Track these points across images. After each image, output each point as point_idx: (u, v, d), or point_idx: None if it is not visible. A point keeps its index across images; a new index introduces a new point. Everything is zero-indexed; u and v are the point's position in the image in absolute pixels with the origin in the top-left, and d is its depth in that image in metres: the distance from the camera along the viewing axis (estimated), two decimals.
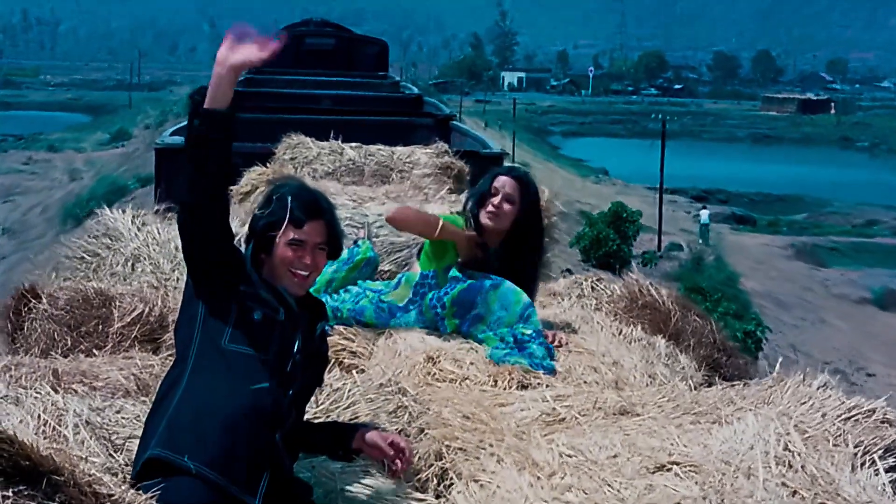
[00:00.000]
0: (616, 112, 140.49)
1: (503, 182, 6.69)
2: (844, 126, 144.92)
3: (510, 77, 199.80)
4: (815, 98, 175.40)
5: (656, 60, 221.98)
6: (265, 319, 4.32)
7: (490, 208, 6.64)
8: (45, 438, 4.04)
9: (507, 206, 6.64)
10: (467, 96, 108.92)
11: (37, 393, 4.60)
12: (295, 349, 4.38)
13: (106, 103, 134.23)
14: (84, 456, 4.05)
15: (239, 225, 8.55)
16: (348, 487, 4.52)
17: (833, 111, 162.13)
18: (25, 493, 3.48)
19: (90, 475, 3.75)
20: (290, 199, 4.41)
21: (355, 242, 7.84)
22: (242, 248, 4.47)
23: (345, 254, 7.23)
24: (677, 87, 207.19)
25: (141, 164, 58.43)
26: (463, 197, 7.59)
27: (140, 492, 3.83)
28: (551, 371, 5.93)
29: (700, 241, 58.71)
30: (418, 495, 4.64)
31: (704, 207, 65.03)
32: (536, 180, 7.13)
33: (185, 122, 4.51)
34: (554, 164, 74.08)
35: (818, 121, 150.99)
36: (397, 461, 4.49)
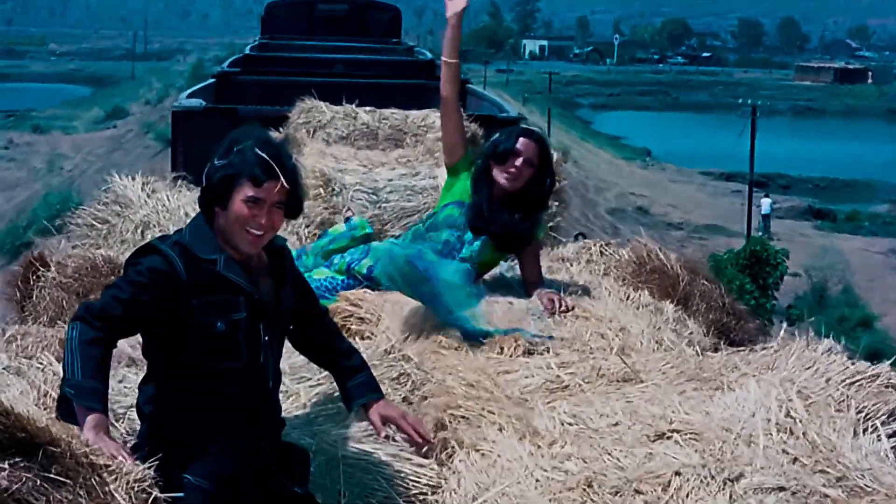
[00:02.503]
0: (644, 82, 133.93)
1: (527, 145, 6.72)
2: (888, 97, 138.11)
3: (531, 45, 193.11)
4: (851, 67, 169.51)
5: (680, 27, 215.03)
6: (228, 327, 4.21)
7: (511, 169, 6.66)
8: (44, 409, 4.05)
9: (527, 170, 6.68)
10: (488, 66, 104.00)
11: (39, 363, 4.62)
12: (263, 333, 4.31)
13: (110, 74, 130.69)
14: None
15: None
16: (349, 456, 4.53)
17: (871, 80, 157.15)
18: (21, 464, 3.49)
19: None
20: (250, 153, 4.20)
21: (347, 219, 7.83)
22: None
23: (341, 228, 7.26)
24: (705, 55, 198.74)
25: (128, 150, 54.33)
26: None
27: (138, 461, 3.85)
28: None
29: (760, 233, 50.44)
30: (420, 460, 4.67)
31: (766, 196, 58.70)
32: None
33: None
34: (592, 145, 67.19)
35: (857, 91, 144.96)
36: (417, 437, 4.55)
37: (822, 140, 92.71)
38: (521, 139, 6.75)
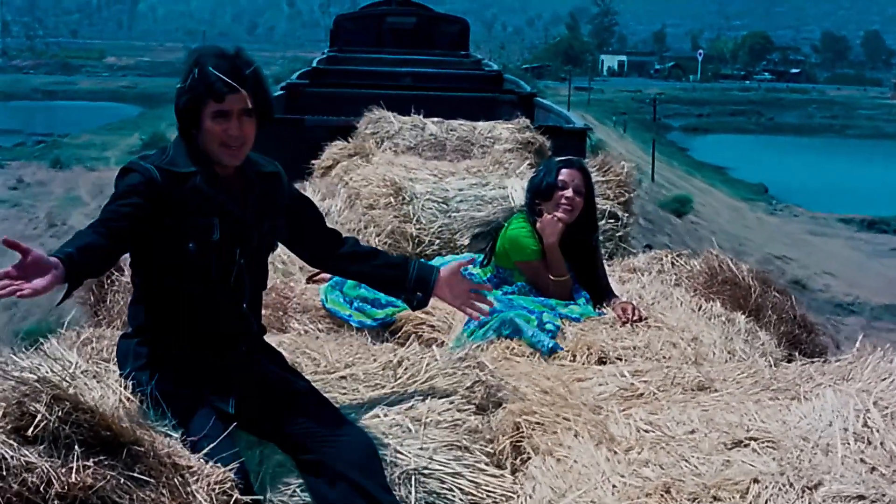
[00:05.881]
0: (732, 101, 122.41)
1: (572, 175, 6.71)
2: None
3: (610, 61, 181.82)
4: None
5: (761, 41, 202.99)
6: (200, 248, 4.37)
7: (564, 203, 6.64)
8: (124, 412, 4.09)
9: (578, 199, 6.67)
10: (563, 82, 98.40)
11: (116, 367, 4.66)
12: (238, 256, 4.49)
13: (164, 92, 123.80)
14: (163, 429, 4.11)
15: (320, 199, 8.63)
16: (424, 467, 4.55)
17: None
18: (105, 462, 3.55)
19: (169, 447, 3.82)
20: (207, 71, 4.32)
21: None
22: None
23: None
24: (794, 70, 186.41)
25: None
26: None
27: (218, 464, 3.91)
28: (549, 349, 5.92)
29: None
30: (494, 470, 4.68)
31: None
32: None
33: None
34: (700, 180, 56.28)
35: None
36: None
37: None
38: (562, 170, 6.73)
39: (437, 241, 9.04)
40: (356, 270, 4.99)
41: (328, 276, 7.21)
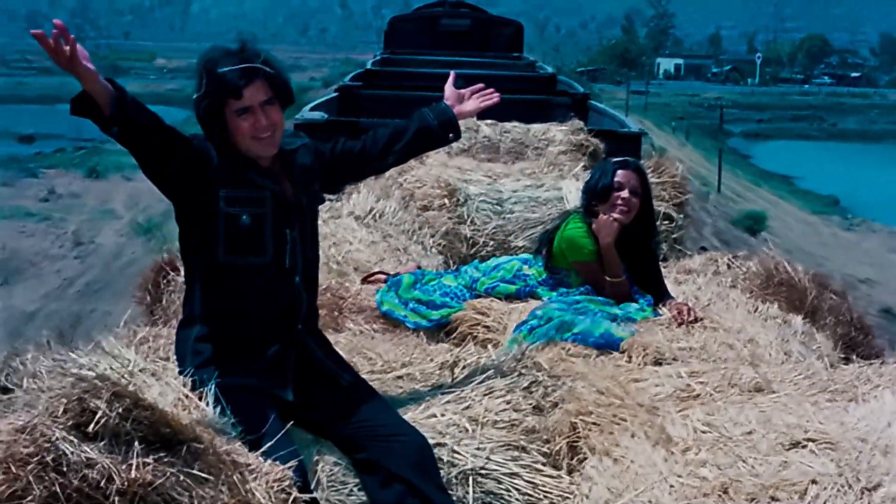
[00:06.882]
0: (792, 105, 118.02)
1: (627, 176, 6.68)
2: None
3: (666, 64, 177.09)
4: None
5: (819, 43, 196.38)
6: (254, 220, 4.44)
7: (619, 203, 6.63)
8: (183, 409, 4.12)
9: (634, 200, 6.65)
10: (619, 86, 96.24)
11: (174, 364, 4.69)
12: (291, 233, 4.56)
13: None
14: (223, 426, 4.13)
15: (374, 200, 8.66)
16: (481, 467, 4.56)
17: None
18: (165, 459, 3.57)
19: (229, 444, 3.84)
20: (219, 71, 4.39)
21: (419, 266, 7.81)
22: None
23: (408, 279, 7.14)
24: (854, 74, 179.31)
25: None
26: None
27: (277, 462, 3.93)
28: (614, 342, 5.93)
29: None
30: (551, 471, 4.68)
31: None
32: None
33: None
34: (768, 191, 52.50)
35: None
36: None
37: None
38: (618, 171, 6.71)
39: (492, 243, 9.05)
40: (393, 161, 5.13)
41: (383, 277, 7.24)
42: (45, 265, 30.04)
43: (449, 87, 5.21)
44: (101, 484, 3.42)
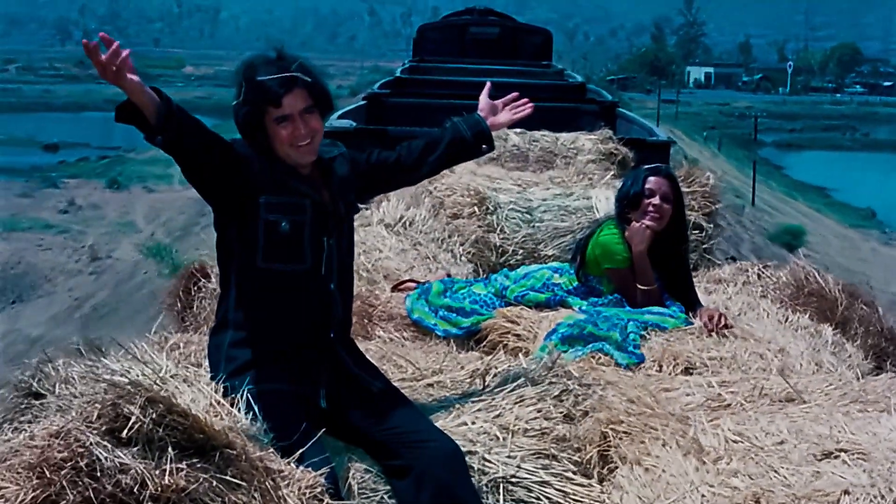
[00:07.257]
0: (825, 115, 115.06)
1: (658, 183, 6.68)
2: None
3: (696, 72, 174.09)
4: None
5: (850, 51, 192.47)
6: (293, 227, 4.47)
7: (650, 210, 6.62)
8: (215, 415, 4.14)
9: (666, 206, 6.64)
10: (649, 94, 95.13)
11: (206, 371, 4.71)
12: (328, 241, 4.59)
13: None
14: (255, 433, 4.14)
15: (405, 208, 8.68)
16: (512, 476, 4.56)
17: None
18: (198, 465, 3.58)
19: (261, 451, 3.85)
20: (259, 80, 4.43)
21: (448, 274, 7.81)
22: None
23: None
24: (887, 83, 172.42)
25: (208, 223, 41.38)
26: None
27: (309, 469, 3.94)
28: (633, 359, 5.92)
29: None
30: (582, 479, 4.68)
31: None
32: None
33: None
34: (803, 204, 50.59)
35: None
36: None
37: None
38: (649, 178, 6.71)
39: (521, 251, 9.04)
40: (426, 172, 5.16)
41: (413, 285, 7.24)
42: (59, 281, 29.91)
43: (484, 98, 5.21)
44: (135, 489, 3.44)
